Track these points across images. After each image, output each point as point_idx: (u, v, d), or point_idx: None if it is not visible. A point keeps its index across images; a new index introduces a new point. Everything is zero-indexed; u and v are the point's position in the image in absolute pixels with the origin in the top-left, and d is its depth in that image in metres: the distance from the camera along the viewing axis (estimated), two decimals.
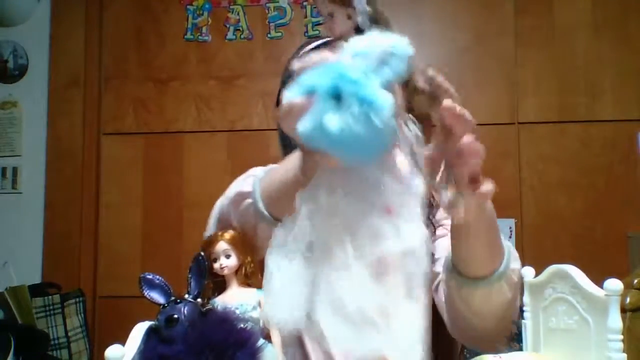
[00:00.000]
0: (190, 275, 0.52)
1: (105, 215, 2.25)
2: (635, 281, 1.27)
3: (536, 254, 1.97)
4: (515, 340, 0.61)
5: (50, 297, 1.95)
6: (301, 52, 0.94)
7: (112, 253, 2.23)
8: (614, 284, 0.49)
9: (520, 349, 0.58)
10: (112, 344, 0.49)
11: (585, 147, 2.07)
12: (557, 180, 2.06)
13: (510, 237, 2.02)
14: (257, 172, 0.82)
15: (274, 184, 0.72)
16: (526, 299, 0.58)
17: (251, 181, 0.77)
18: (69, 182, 2.23)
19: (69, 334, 1.97)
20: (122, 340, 0.51)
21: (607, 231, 1.99)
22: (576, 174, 2.05)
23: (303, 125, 0.43)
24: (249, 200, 0.74)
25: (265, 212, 0.70)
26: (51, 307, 1.94)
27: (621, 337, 0.46)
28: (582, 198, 2.01)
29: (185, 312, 0.49)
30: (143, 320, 0.53)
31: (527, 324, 0.58)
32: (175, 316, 0.48)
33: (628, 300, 1.26)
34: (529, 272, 0.57)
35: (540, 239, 2.03)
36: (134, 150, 2.26)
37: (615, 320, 0.47)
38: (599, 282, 0.52)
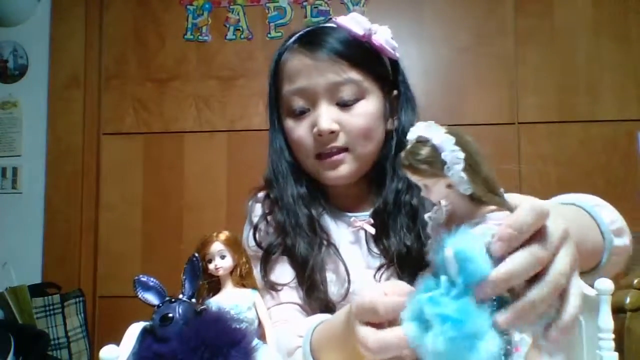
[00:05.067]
0: (184, 276, 0.52)
1: (105, 215, 2.25)
2: (635, 281, 1.27)
3: None
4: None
5: (50, 297, 1.96)
6: (286, 44, 0.93)
7: (112, 253, 2.23)
8: (605, 284, 0.49)
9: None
10: (112, 344, 0.49)
11: (585, 147, 2.06)
12: (557, 180, 2.06)
13: None
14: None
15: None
16: None
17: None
18: (69, 182, 2.23)
19: (69, 334, 1.98)
20: (121, 341, 0.51)
21: None
22: (576, 174, 2.05)
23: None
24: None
25: None
26: (51, 307, 1.95)
27: (612, 336, 0.46)
28: None
29: (180, 310, 0.49)
30: (142, 320, 0.53)
31: None
32: (170, 315, 0.48)
33: (628, 300, 1.26)
34: None
35: None
36: (134, 150, 2.26)
37: (607, 320, 0.47)
38: None
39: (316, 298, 0.84)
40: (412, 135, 0.45)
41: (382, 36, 0.88)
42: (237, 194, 2.14)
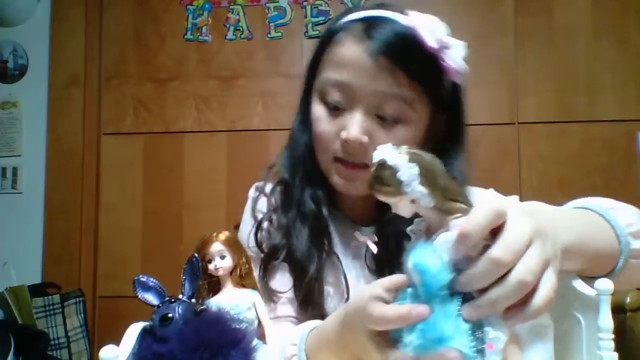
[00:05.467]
0: (184, 277, 0.52)
1: (105, 215, 2.25)
2: None
3: None
4: None
5: (50, 297, 1.96)
6: (348, 18, 0.81)
7: (112, 253, 2.23)
8: (605, 284, 0.49)
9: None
10: (111, 344, 0.49)
11: (585, 147, 2.06)
12: (557, 180, 2.06)
13: None
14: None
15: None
16: None
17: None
18: (69, 182, 2.23)
19: (69, 334, 1.98)
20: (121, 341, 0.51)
21: None
22: (576, 174, 2.05)
23: None
24: None
25: None
26: (51, 307, 1.95)
27: (612, 336, 0.46)
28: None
29: (180, 310, 0.49)
30: (142, 320, 0.53)
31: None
32: (170, 315, 0.48)
33: (628, 300, 1.26)
34: None
35: None
36: (134, 150, 2.26)
37: (606, 320, 0.47)
38: None
39: (311, 312, 0.80)
40: (375, 159, 0.48)
41: (456, 55, 0.78)
42: (237, 194, 2.14)
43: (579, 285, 0.53)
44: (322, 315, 0.78)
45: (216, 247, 0.63)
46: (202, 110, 2.25)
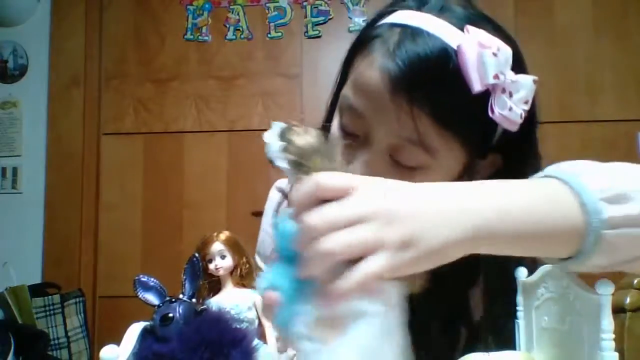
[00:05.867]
0: (184, 277, 0.52)
1: (105, 215, 2.25)
2: (635, 281, 1.27)
3: None
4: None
5: (50, 297, 1.96)
6: (384, 23, 0.62)
7: (112, 253, 2.23)
8: (606, 284, 0.49)
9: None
10: (112, 343, 0.49)
11: (585, 147, 2.06)
12: None
13: None
14: None
15: None
16: (519, 298, 0.58)
17: None
18: (69, 182, 2.23)
19: (69, 334, 1.98)
20: (121, 341, 0.51)
21: None
22: None
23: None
24: None
25: None
26: (51, 307, 1.95)
27: (613, 336, 0.46)
28: None
29: (180, 310, 0.49)
30: (142, 320, 0.53)
31: (520, 323, 0.58)
32: (170, 315, 0.48)
33: (628, 300, 1.26)
34: (521, 271, 0.57)
35: None
36: (134, 150, 2.26)
37: (608, 320, 0.47)
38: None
39: None
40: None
41: (514, 99, 0.59)
42: (237, 194, 2.14)
43: (580, 285, 0.53)
44: None
45: (216, 247, 0.63)
46: (202, 110, 2.25)
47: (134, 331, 0.49)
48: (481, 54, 0.56)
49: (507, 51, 0.58)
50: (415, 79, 0.56)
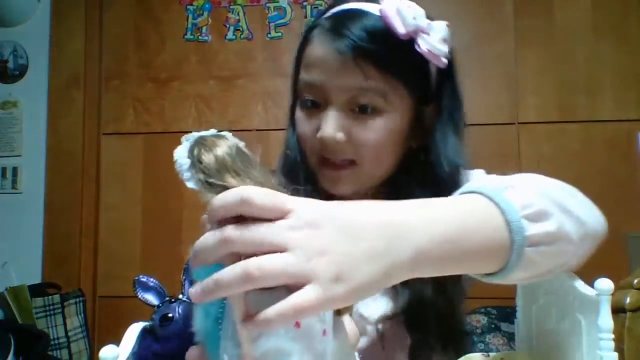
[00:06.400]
0: (184, 277, 0.52)
1: (105, 215, 2.25)
2: (635, 281, 1.27)
3: None
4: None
5: (50, 297, 1.96)
6: (321, 16, 0.79)
7: (112, 253, 2.23)
8: (605, 284, 0.49)
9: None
10: (111, 343, 0.49)
11: (585, 147, 2.06)
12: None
13: None
14: None
15: None
16: (519, 298, 0.58)
17: None
18: (69, 182, 2.23)
19: (69, 334, 1.98)
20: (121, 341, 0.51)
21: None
22: (576, 174, 2.04)
23: None
24: None
25: None
26: (51, 307, 1.95)
27: (612, 336, 0.46)
28: None
29: (180, 310, 0.49)
30: (142, 320, 0.53)
31: (520, 323, 0.58)
32: (170, 315, 0.48)
33: (628, 300, 1.26)
34: None
35: None
36: (134, 150, 2.26)
37: (607, 320, 0.47)
38: None
39: None
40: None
41: (433, 38, 0.73)
42: None
43: (579, 285, 0.53)
44: None
45: None
46: (202, 110, 2.25)
47: (133, 331, 0.49)
48: (398, 7, 0.70)
49: (416, 7, 0.73)
50: (356, 39, 0.70)
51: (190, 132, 0.47)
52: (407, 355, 0.72)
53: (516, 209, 0.49)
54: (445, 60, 0.74)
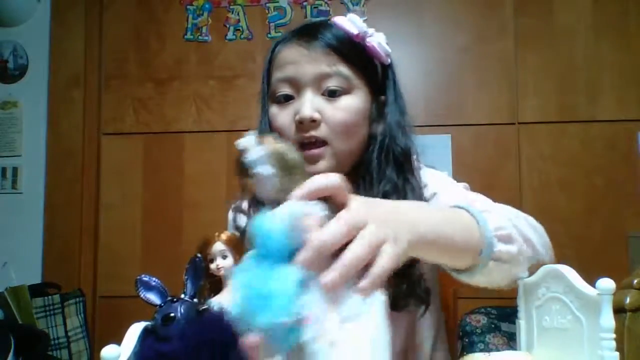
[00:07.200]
0: (186, 277, 0.52)
1: (105, 215, 2.25)
2: (635, 281, 1.27)
3: None
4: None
5: (50, 297, 1.96)
6: (284, 37, 0.94)
7: (112, 253, 2.23)
8: (606, 283, 0.49)
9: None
10: (112, 344, 0.49)
11: (585, 147, 2.07)
12: (557, 180, 2.06)
13: None
14: None
15: None
16: (520, 298, 0.59)
17: None
18: (69, 182, 2.23)
19: (69, 334, 1.98)
20: (122, 341, 0.51)
21: (607, 231, 1.99)
22: (576, 174, 2.05)
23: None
24: None
25: None
26: (51, 307, 1.95)
27: (613, 335, 0.46)
28: (582, 198, 2.01)
29: (182, 310, 0.49)
30: (142, 320, 0.53)
31: (521, 323, 0.58)
32: (172, 314, 0.48)
33: (628, 300, 1.26)
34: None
35: None
36: (134, 150, 2.26)
37: (608, 319, 0.47)
38: None
39: None
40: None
41: (377, 39, 0.89)
42: (237, 194, 2.14)
43: (581, 285, 0.53)
44: None
45: (218, 246, 0.63)
46: (202, 110, 2.25)
47: (134, 331, 0.49)
48: (348, 16, 0.89)
49: (359, 18, 0.89)
50: (321, 37, 0.86)
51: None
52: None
53: (490, 228, 0.64)
54: (388, 60, 0.92)
